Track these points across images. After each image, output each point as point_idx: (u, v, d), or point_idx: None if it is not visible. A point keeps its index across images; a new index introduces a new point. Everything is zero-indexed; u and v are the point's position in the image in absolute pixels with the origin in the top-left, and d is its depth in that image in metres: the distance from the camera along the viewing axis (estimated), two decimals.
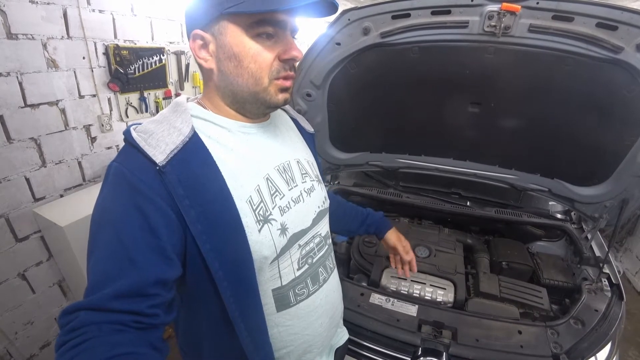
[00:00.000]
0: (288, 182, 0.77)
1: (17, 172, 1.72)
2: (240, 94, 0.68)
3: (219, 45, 0.64)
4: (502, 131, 1.48)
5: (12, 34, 1.58)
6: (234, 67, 0.65)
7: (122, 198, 0.58)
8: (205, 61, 0.67)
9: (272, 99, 0.69)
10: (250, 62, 0.64)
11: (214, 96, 0.71)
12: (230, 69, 0.65)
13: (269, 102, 0.70)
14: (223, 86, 0.69)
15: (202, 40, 0.65)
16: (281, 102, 0.71)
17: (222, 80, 0.68)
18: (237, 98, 0.69)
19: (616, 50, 1.05)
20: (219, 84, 0.69)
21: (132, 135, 0.62)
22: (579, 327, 1.23)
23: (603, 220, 1.52)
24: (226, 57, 0.65)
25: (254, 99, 0.69)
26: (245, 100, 0.69)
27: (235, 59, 0.64)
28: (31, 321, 1.91)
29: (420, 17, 1.19)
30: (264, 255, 0.69)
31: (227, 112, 0.72)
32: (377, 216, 1.25)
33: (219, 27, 0.63)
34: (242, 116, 0.73)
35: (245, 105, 0.71)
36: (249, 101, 0.70)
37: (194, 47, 0.66)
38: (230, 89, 0.68)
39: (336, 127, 1.65)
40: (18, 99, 1.66)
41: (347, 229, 1.24)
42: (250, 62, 0.64)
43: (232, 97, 0.70)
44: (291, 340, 0.81)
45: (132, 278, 0.54)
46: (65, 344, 0.49)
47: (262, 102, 0.70)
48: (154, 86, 2.41)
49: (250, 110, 0.72)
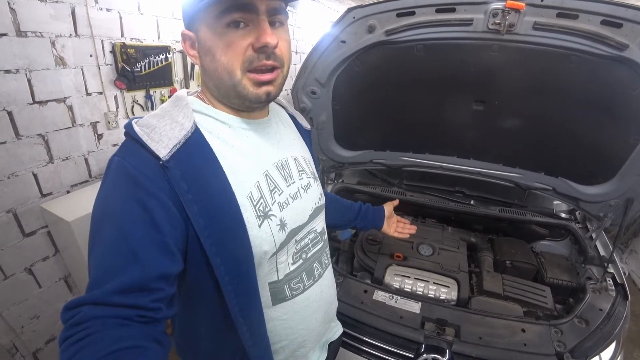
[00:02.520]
0: (286, 178, 0.77)
1: (25, 167, 1.74)
2: (222, 89, 0.68)
3: (199, 42, 0.66)
4: (506, 129, 1.48)
5: (21, 32, 1.60)
6: (210, 62, 0.65)
7: (124, 192, 0.58)
8: (195, 59, 0.68)
9: (250, 93, 0.65)
10: (221, 54, 0.62)
11: (206, 91, 0.72)
12: (208, 63, 0.66)
13: (246, 97, 0.66)
14: (207, 81, 0.70)
15: (190, 39, 0.67)
16: (262, 96, 0.66)
17: (206, 76, 0.69)
18: (221, 92, 0.69)
19: (621, 48, 1.05)
20: (204, 80, 0.71)
21: (134, 129, 0.61)
22: (583, 326, 1.22)
23: (608, 220, 1.51)
24: (203, 52, 0.66)
25: (235, 94, 0.67)
26: (229, 94, 0.68)
27: (209, 53, 0.64)
28: (37, 315, 1.93)
29: (424, 14, 1.20)
30: (264, 250, 0.69)
31: (219, 106, 0.72)
32: (370, 206, 1.30)
33: (197, 25, 0.64)
34: (237, 111, 0.73)
35: (231, 100, 0.70)
36: (232, 95, 0.68)
37: (185, 47, 0.69)
38: (213, 83, 0.68)
39: (341, 125, 1.65)
40: (26, 96, 1.68)
41: (345, 219, 1.25)
42: (222, 55, 0.62)
43: (217, 92, 0.70)
44: (286, 334, 0.82)
45: (135, 273, 0.54)
46: (68, 338, 0.49)
47: (241, 96, 0.66)
48: (159, 84, 2.43)
49: (238, 105, 0.71)
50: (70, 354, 0.48)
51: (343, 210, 1.24)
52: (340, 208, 1.23)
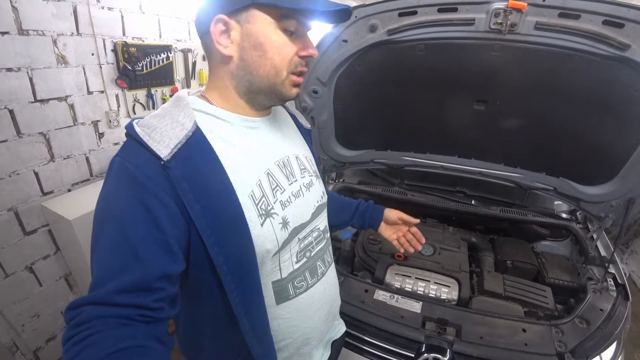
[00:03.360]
0: (288, 177, 0.77)
1: (26, 166, 1.74)
2: (257, 84, 0.69)
3: (245, 34, 0.64)
4: (508, 129, 1.47)
5: (23, 30, 1.61)
6: (257, 57, 0.66)
7: (126, 193, 0.58)
8: (225, 47, 0.66)
9: (286, 92, 0.72)
10: (275, 53, 0.66)
11: (223, 85, 0.71)
12: (254, 58, 0.66)
13: (282, 95, 0.72)
14: (241, 75, 0.69)
15: (225, 26, 0.64)
16: (294, 95, 0.73)
17: (241, 69, 0.68)
18: (252, 88, 0.70)
19: (623, 48, 1.04)
20: (236, 73, 0.69)
21: (135, 130, 0.61)
22: (584, 327, 1.22)
23: (609, 220, 1.51)
24: (251, 46, 0.65)
25: (269, 90, 0.70)
26: (260, 90, 0.70)
27: (260, 48, 0.65)
28: (37, 314, 1.93)
29: (426, 14, 1.20)
30: (267, 249, 0.69)
31: (234, 102, 0.72)
32: (368, 204, 1.23)
33: (247, 15, 0.63)
34: (248, 109, 0.73)
35: (257, 97, 0.72)
36: (264, 92, 0.71)
37: (215, 32, 0.64)
38: (248, 78, 0.68)
39: (342, 124, 1.65)
40: (28, 94, 1.68)
41: (341, 219, 1.20)
42: (275, 54, 0.66)
43: (247, 87, 0.70)
44: (290, 332, 0.82)
45: (137, 272, 0.54)
46: (71, 338, 0.50)
47: (277, 94, 0.71)
48: (161, 83, 2.43)
49: (259, 102, 0.73)
50: (73, 354, 0.48)
51: (339, 210, 1.18)
52: (337, 207, 1.17)
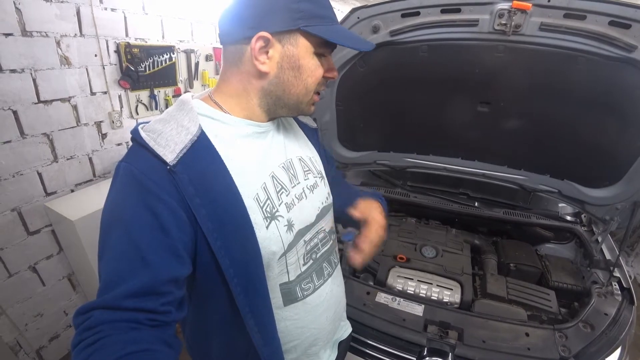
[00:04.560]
0: (291, 179, 0.78)
1: (30, 166, 1.75)
2: (285, 100, 0.71)
3: (286, 54, 0.66)
4: (511, 131, 1.46)
5: (26, 32, 1.61)
6: (293, 77, 0.68)
7: (132, 198, 0.58)
8: (262, 64, 0.66)
9: (307, 109, 0.76)
10: (308, 75, 0.69)
11: (246, 95, 0.70)
12: (290, 78, 0.68)
13: (303, 111, 0.76)
14: (272, 90, 0.70)
15: (266, 43, 0.64)
16: (312, 112, 0.78)
17: (275, 85, 0.69)
18: (279, 103, 0.72)
19: (629, 49, 1.03)
20: (267, 88, 0.69)
21: (140, 135, 0.62)
22: (588, 331, 1.21)
23: (614, 223, 1.49)
24: (290, 66, 0.67)
25: (294, 107, 0.73)
26: (285, 105, 0.73)
27: (297, 70, 0.68)
28: (41, 313, 1.94)
29: (429, 15, 1.19)
30: (272, 251, 0.70)
31: (251, 110, 0.72)
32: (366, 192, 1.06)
33: (291, 37, 0.65)
34: (260, 115, 0.73)
35: (279, 110, 0.74)
36: (289, 107, 0.73)
37: (255, 47, 0.64)
38: (279, 95, 0.70)
39: (344, 125, 1.65)
40: (31, 95, 1.69)
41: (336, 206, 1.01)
42: (309, 76, 0.69)
43: (273, 101, 0.72)
44: (298, 334, 0.82)
45: (144, 277, 0.55)
46: (80, 342, 0.50)
47: (299, 110, 0.75)
48: (163, 84, 2.43)
49: (277, 113, 0.76)
50: (82, 358, 0.48)
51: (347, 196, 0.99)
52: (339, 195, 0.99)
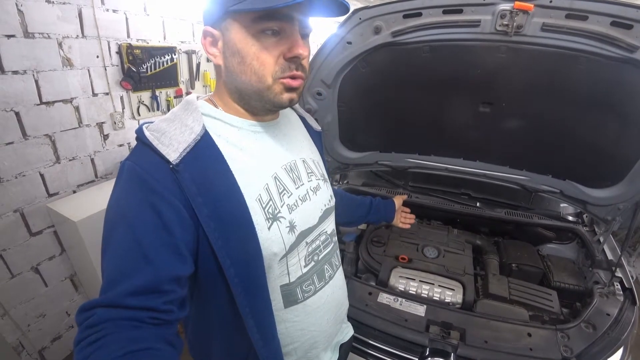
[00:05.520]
0: (295, 180, 0.78)
1: (32, 167, 1.75)
2: (245, 91, 0.69)
3: (225, 42, 0.66)
4: (513, 131, 1.46)
5: (29, 33, 1.62)
6: (237, 64, 0.66)
7: (135, 196, 0.59)
8: (214, 57, 0.68)
9: (276, 99, 0.68)
10: (252, 59, 0.64)
11: (223, 93, 0.72)
12: (235, 65, 0.66)
13: (273, 101, 0.69)
14: (229, 82, 0.70)
15: (212, 37, 0.67)
16: (286, 102, 0.69)
17: (228, 77, 0.69)
18: (242, 95, 0.70)
19: (631, 49, 1.03)
20: (226, 80, 0.70)
21: (144, 134, 0.62)
22: (590, 331, 1.21)
23: (616, 223, 1.49)
24: (231, 53, 0.66)
25: (258, 97, 0.69)
26: (250, 97, 0.70)
27: (238, 55, 0.65)
28: (43, 314, 1.95)
29: (431, 16, 1.19)
30: (274, 252, 0.70)
31: (235, 109, 0.73)
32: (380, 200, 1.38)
33: (225, 24, 0.64)
34: (251, 114, 0.74)
35: (250, 102, 0.71)
36: (254, 98, 0.70)
37: (205, 43, 0.68)
38: (235, 85, 0.69)
39: (346, 126, 1.64)
40: (34, 97, 1.69)
41: (357, 215, 1.33)
42: (253, 60, 0.64)
43: (238, 94, 0.70)
44: (298, 336, 0.82)
45: (147, 275, 0.55)
46: (82, 340, 0.50)
47: (267, 100, 0.69)
48: (165, 85, 2.44)
49: (256, 107, 0.73)
50: (84, 356, 0.49)
51: (354, 206, 1.30)
52: (350, 204, 1.28)
